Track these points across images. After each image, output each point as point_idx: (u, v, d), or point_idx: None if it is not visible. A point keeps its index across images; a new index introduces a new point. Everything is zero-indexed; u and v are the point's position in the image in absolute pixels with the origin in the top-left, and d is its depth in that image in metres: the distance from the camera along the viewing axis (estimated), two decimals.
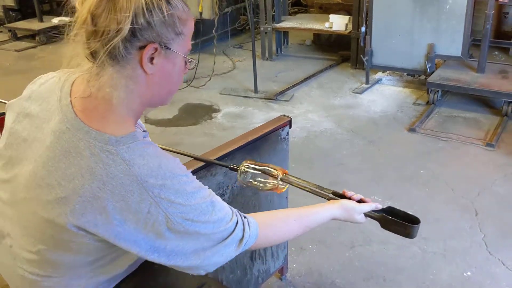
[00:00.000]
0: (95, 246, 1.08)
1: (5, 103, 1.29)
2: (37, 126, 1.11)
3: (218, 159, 1.77)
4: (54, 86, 1.15)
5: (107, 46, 1.00)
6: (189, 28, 1.10)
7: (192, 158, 1.70)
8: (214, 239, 1.11)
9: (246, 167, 1.53)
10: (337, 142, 3.89)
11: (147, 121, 4.25)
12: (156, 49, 1.04)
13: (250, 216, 1.24)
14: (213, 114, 4.50)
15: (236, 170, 1.55)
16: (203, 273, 1.14)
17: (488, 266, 2.51)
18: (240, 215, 1.20)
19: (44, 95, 1.16)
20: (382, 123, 4.21)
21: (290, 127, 2.13)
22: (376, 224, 1.43)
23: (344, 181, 3.31)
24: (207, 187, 1.14)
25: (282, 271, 2.43)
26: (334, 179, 3.34)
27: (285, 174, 1.53)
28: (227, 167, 1.61)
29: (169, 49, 1.06)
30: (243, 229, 1.17)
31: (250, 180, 1.53)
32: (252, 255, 2.12)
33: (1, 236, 1.21)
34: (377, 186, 3.25)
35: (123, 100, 1.06)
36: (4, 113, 1.23)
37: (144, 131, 1.29)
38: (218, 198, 1.16)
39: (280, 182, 1.51)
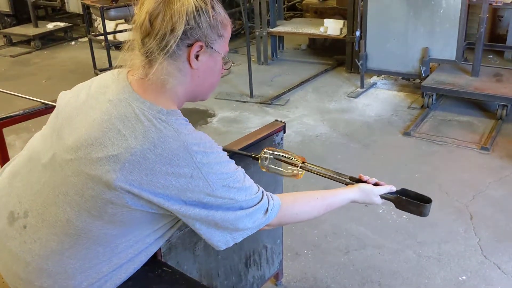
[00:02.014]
0: (128, 215, 1.16)
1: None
2: (92, 97, 1.24)
3: None
4: (111, 73, 1.30)
5: (162, 44, 1.15)
6: (228, 32, 1.26)
7: None
8: (246, 205, 1.23)
9: (267, 154, 1.65)
10: (332, 146, 3.90)
11: None
12: (201, 47, 1.19)
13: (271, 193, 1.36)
14: (209, 119, 4.50)
15: (257, 159, 1.67)
16: (231, 243, 1.25)
17: (483, 270, 2.51)
18: (263, 190, 1.32)
19: (102, 78, 1.30)
20: (377, 127, 4.22)
21: (284, 132, 2.13)
22: (370, 229, 1.44)
23: (339, 186, 3.30)
24: (233, 160, 1.27)
25: (277, 276, 2.42)
26: (328, 183, 3.33)
27: (304, 161, 1.64)
28: (249, 156, 1.72)
29: (212, 48, 1.22)
30: (268, 199, 1.30)
31: (271, 166, 1.65)
32: (247, 261, 2.12)
33: (12, 219, 1.25)
34: None
35: (172, 86, 1.21)
36: (50, 106, 1.28)
37: None
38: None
39: (300, 169, 1.62)
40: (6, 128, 2.09)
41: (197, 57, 1.20)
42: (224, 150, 1.27)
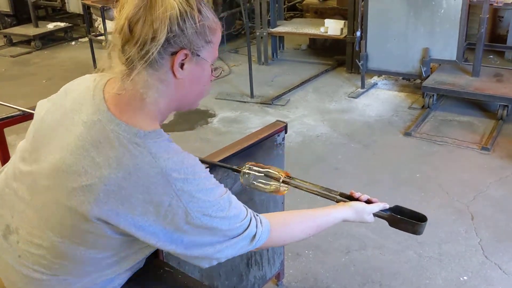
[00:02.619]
0: (109, 241, 1.11)
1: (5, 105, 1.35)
2: (68, 117, 1.16)
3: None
4: (89, 83, 1.19)
5: (142, 52, 1.05)
6: (218, 38, 1.16)
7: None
8: (230, 234, 1.16)
9: (248, 169, 1.55)
10: (332, 147, 3.90)
11: None
12: (187, 55, 1.10)
13: (262, 215, 1.28)
14: (209, 119, 4.50)
15: (239, 172, 1.56)
16: (215, 263, 1.19)
17: (484, 270, 2.51)
18: (253, 213, 1.24)
19: (78, 90, 1.20)
20: (378, 127, 4.22)
21: (285, 132, 2.13)
22: (371, 229, 1.43)
23: (340, 186, 3.28)
24: (222, 185, 1.19)
25: (278, 277, 2.42)
26: (329, 184, 3.29)
27: (288, 176, 1.54)
28: (230, 168, 1.62)
29: (199, 56, 1.12)
30: (256, 226, 1.21)
31: (253, 182, 1.55)
32: (248, 261, 2.12)
33: (7, 232, 1.22)
34: (372, 190, 3.23)
35: (153, 100, 1.11)
36: (28, 113, 1.23)
37: None
38: (233, 196, 1.21)
39: (282, 184, 1.52)
40: (6, 128, 2.09)
41: (182, 65, 1.11)
42: (203, 162, 1.21)
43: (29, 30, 7.11)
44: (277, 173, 1.54)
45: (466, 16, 4.37)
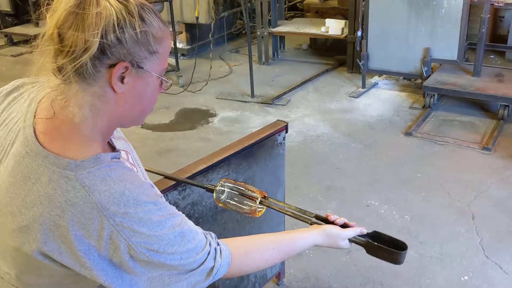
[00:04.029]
0: (64, 272, 1.03)
1: None
2: (2, 149, 1.05)
3: (214, 164, 1.77)
4: (22, 104, 1.09)
5: (74, 64, 0.94)
6: (165, 47, 1.04)
7: (163, 177, 1.60)
8: (182, 269, 1.06)
9: (223, 187, 1.46)
10: (333, 146, 3.89)
11: (143, 126, 4.25)
12: (127, 68, 0.98)
13: (224, 242, 1.17)
14: (210, 119, 4.49)
15: (212, 191, 1.47)
16: None
17: (485, 270, 2.51)
18: (214, 242, 1.14)
19: (11, 115, 1.10)
20: (379, 127, 4.22)
21: (286, 132, 2.12)
22: (372, 228, 1.42)
23: (341, 186, 3.31)
24: (180, 213, 1.08)
25: (279, 276, 2.42)
26: (330, 183, 3.34)
27: (264, 196, 1.45)
28: (202, 187, 1.51)
29: (142, 68, 1.00)
30: (215, 258, 1.10)
31: (228, 200, 1.46)
32: None
33: None
34: (373, 190, 3.25)
35: (87, 120, 1.00)
36: None
37: (116, 150, 1.17)
38: (191, 225, 1.09)
39: (259, 206, 1.43)
40: None
41: (122, 79, 0.98)
42: (173, 179, 1.08)
43: (29, 30, 7.11)
44: (253, 192, 1.44)
45: (467, 16, 4.36)
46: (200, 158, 1.80)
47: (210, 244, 1.11)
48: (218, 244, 1.14)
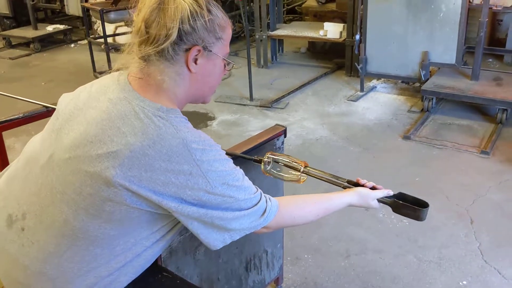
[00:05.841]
0: (126, 215, 1.16)
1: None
2: (93, 98, 1.25)
3: None
4: (111, 75, 1.30)
5: (158, 49, 1.17)
6: (228, 34, 1.27)
7: None
8: (244, 205, 1.23)
9: (270, 158, 1.64)
10: (332, 150, 3.89)
11: None
12: (199, 51, 1.21)
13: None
14: (209, 122, 4.49)
15: (260, 162, 1.65)
16: (228, 241, 1.24)
17: (484, 275, 2.51)
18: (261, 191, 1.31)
19: (102, 80, 1.31)
20: (377, 130, 4.22)
21: (285, 136, 2.12)
22: (371, 232, 1.43)
23: (339, 189, 3.29)
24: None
25: (277, 281, 2.41)
26: (328, 186, 3.32)
27: (305, 166, 1.63)
28: (251, 159, 1.69)
29: (211, 51, 1.23)
30: (266, 201, 1.30)
31: (273, 170, 1.64)
32: (247, 265, 2.11)
33: (10, 221, 1.25)
34: None
35: (171, 88, 1.22)
36: (51, 108, 1.26)
37: None
38: None
39: (302, 174, 1.62)
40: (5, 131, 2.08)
41: (196, 60, 1.22)
42: (227, 153, 1.28)
43: (28, 32, 7.10)
44: (297, 163, 1.63)
45: (465, 20, 4.37)
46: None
47: (258, 189, 1.30)
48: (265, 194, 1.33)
